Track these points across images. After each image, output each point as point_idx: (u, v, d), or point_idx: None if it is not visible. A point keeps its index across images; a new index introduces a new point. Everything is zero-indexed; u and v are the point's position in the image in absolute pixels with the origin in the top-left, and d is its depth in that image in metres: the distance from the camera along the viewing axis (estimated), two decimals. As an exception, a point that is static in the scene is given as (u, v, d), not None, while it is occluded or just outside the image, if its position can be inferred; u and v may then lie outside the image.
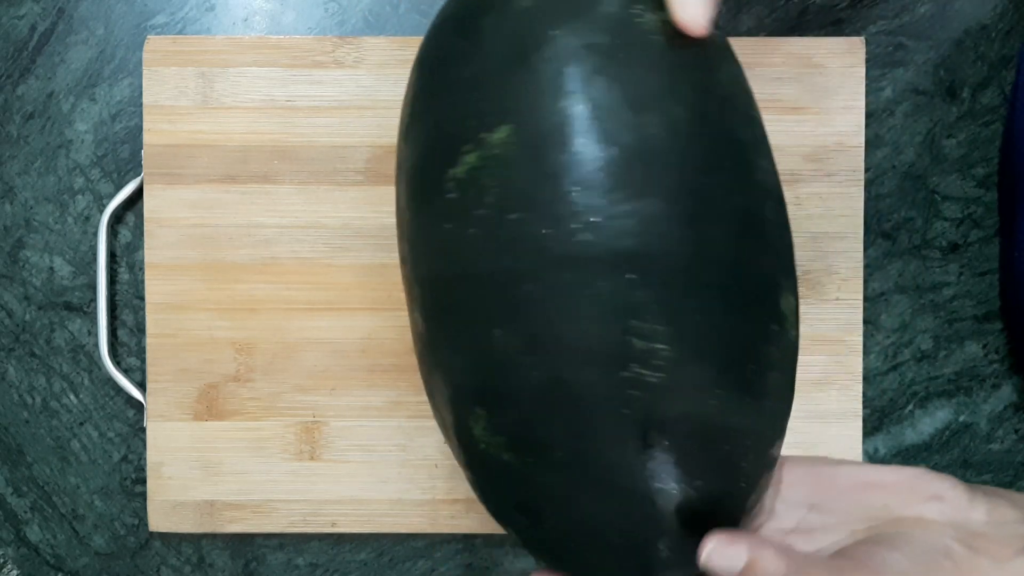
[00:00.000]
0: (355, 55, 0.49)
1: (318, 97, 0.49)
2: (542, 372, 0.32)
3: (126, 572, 0.51)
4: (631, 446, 0.32)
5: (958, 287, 0.51)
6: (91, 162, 0.51)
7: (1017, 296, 0.49)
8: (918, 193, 0.51)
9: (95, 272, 0.51)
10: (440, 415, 0.38)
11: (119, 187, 0.51)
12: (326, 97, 0.49)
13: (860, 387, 0.50)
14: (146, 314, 0.50)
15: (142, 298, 0.51)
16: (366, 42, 0.49)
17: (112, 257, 0.51)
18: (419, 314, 0.36)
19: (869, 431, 0.51)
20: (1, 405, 0.51)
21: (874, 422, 0.51)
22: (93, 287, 0.51)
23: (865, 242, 0.50)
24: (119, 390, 0.51)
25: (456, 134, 0.34)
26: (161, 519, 0.50)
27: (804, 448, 0.49)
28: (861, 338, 0.50)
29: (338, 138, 0.49)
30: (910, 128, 0.51)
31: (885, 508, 0.35)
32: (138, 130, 0.51)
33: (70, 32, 0.51)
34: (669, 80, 0.33)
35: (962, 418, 0.51)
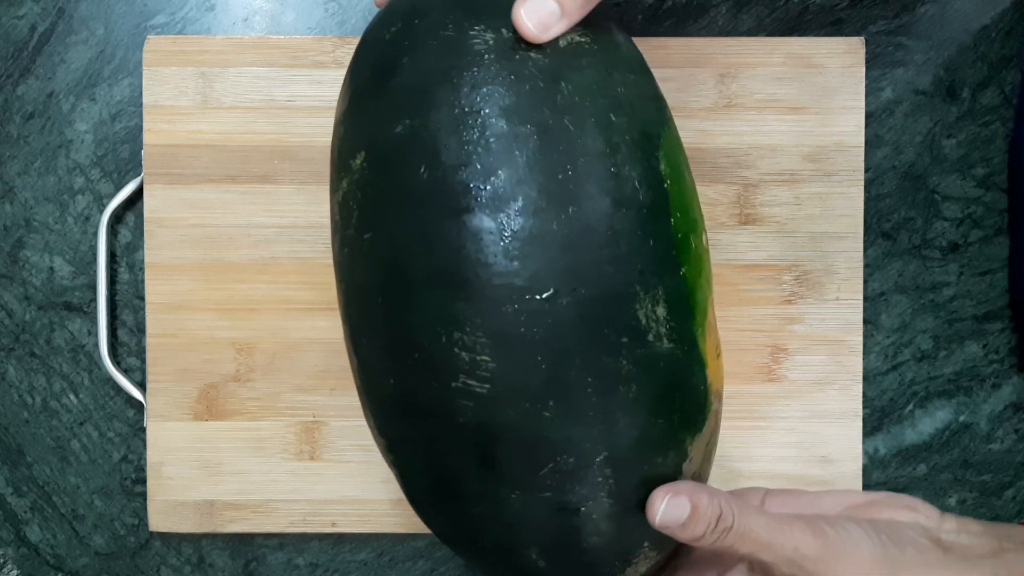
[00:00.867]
0: (355, 55, 0.49)
1: (318, 97, 0.49)
2: (397, 380, 0.35)
3: (126, 572, 0.51)
4: (471, 454, 0.34)
5: (958, 287, 0.51)
6: (91, 162, 0.51)
7: None
8: (918, 193, 0.51)
9: (95, 272, 0.51)
10: None
11: (119, 187, 0.51)
12: (326, 97, 0.49)
13: (860, 387, 0.50)
14: (146, 314, 0.50)
15: (142, 298, 0.51)
16: (366, 42, 0.50)
17: (112, 257, 0.51)
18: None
19: (869, 431, 0.51)
20: (1, 405, 0.51)
21: (874, 422, 0.51)
22: (93, 287, 0.51)
23: (865, 242, 0.50)
24: (119, 390, 0.51)
25: (339, 164, 0.37)
26: (161, 519, 0.50)
27: (805, 448, 0.49)
28: (861, 338, 0.50)
29: (338, 138, 0.50)
30: (910, 128, 0.51)
31: (864, 513, 0.37)
32: (138, 130, 0.51)
33: (70, 32, 0.51)
34: (508, 97, 0.33)
35: (962, 418, 0.51)
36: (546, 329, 0.32)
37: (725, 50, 0.49)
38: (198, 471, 0.50)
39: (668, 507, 0.34)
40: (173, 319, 0.50)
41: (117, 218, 0.51)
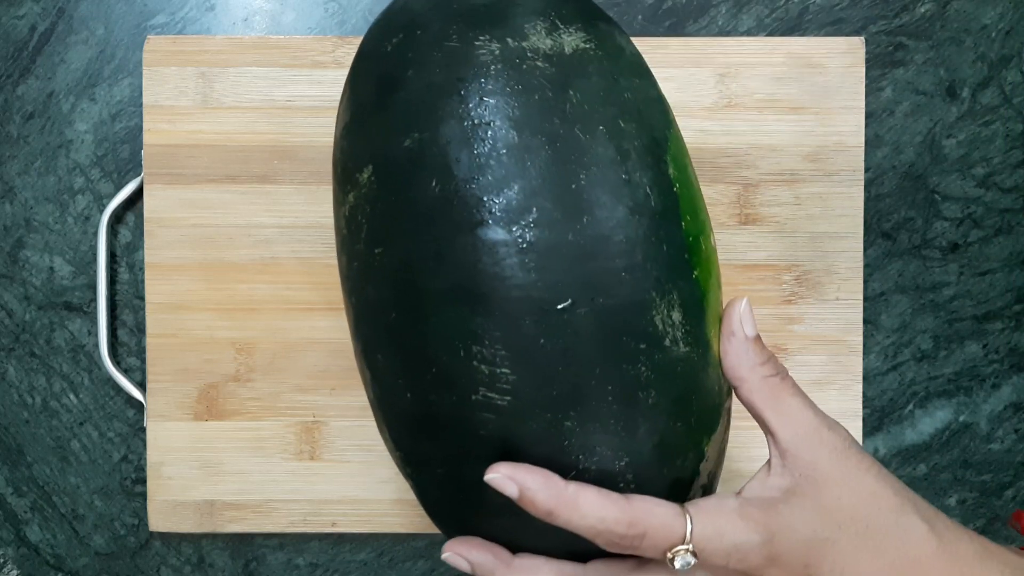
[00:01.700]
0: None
1: (318, 97, 0.49)
2: (414, 395, 0.34)
3: (126, 572, 0.51)
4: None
5: (958, 287, 0.51)
6: (91, 162, 0.51)
7: None
8: (918, 193, 0.51)
9: (95, 272, 0.51)
10: None
11: (119, 187, 0.51)
12: (326, 97, 0.49)
13: (860, 387, 0.50)
14: (146, 314, 0.50)
15: (142, 298, 0.51)
16: (366, 42, 0.49)
17: (112, 257, 0.51)
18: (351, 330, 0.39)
19: (869, 431, 0.51)
20: (1, 405, 0.51)
21: (874, 422, 0.51)
22: (93, 287, 0.51)
23: (865, 242, 0.50)
24: (119, 390, 0.51)
25: (344, 177, 0.36)
26: (161, 519, 0.50)
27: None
28: (861, 338, 0.50)
29: (338, 138, 0.50)
30: (910, 128, 0.51)
31: None
32: (138, 130, 0.51)
33: (70, 32, 0.51)
34: (517, 108, 0.33)
35: (962, 418, 0.51)
36: (565, 339, 0.32)
37: (725, 50, 0.49)
38: (198, 471, 0.50)
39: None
40: (173, 319, 0.50)
41: (117, 218, 0.51)
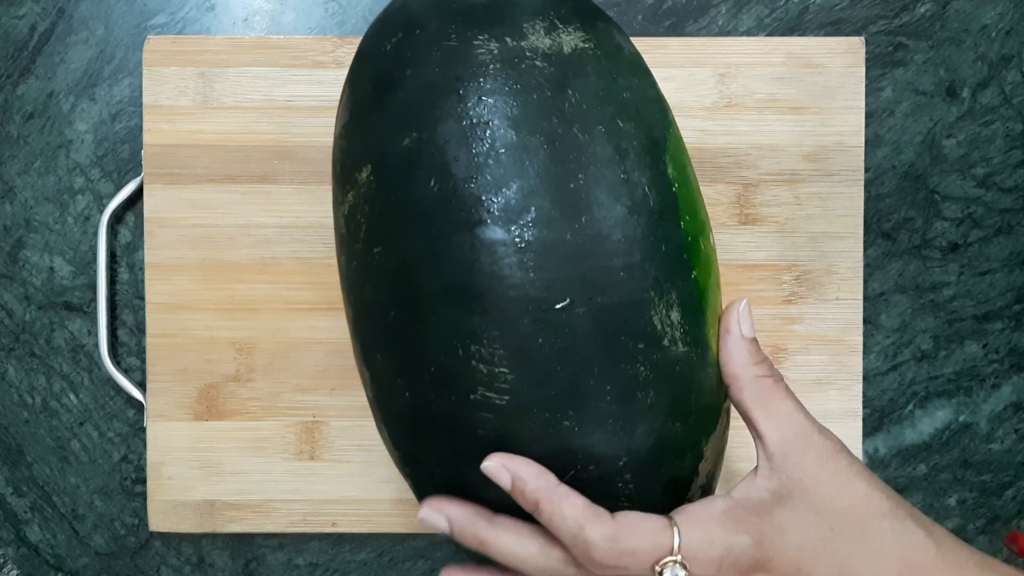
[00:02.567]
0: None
1: (318, 97, 0.49)
2: (412, 394, 0.34)
3: (126, 572, 0.51)
4: None
5: (958, 287, 0.51)
6: (91, 162, 0.51)
7: None
8: (918, 193, 0.51)
9: (95, 272, 0.51)
10: None
11: (119, 187, 0.51)
12: (326, 97, 0.49)
13: (860, 387, 0.50)
14: (146, 314, 0.50)
15: (142, 298, 0.51)
16: (366, 42, 0.49)
17: (112, 257, 0.51)
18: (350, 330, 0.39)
19: (869, 431, 0.51)
20: (1, 405, 0.51)
21: (874, 422, 0.51)
22: (93, 287, 0.51)
23: (865, 242, 0.50)
24: (119, 390, 0.51)
25: (343, 177, 0.36)
26: (161, 519, 0.50)
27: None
28: (861, 338, 0.50)
29: (338, 138, 0.50)
30: (910, 128, 0.51)
31: None
32: (138, 130, 0.51)
33: (70, 32, 0.51)
34: (515, 107, 0.33)
35: (962, 418, 0.51)
36: (563, 339, 0.32)
37: (725, 50, 0.49)
38: (198, 471, 0.50)
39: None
40: (173, 319, 0.50)
41: (117, 218, 0.51)
